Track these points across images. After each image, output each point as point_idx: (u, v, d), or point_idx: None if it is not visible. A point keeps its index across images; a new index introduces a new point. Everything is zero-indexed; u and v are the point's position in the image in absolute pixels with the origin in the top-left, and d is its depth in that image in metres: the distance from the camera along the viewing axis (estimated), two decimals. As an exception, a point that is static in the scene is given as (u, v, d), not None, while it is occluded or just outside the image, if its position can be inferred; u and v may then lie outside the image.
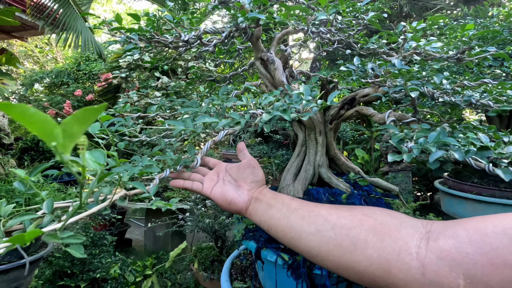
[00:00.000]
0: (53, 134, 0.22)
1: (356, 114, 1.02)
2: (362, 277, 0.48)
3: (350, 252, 0.48)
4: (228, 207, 0.63)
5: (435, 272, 0.41)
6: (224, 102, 0.64)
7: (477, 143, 0.57)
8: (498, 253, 0.38)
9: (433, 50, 0.71)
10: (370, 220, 0.50)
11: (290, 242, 0.56)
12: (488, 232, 0.40)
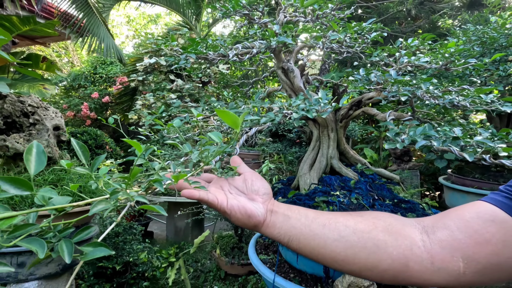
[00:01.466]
0: (237, 123, 0.45)
1: (363, 114, 1.22)
2: (385, 275, 0.52)
3: (374, 252, 0.51)
4: (247, 221, 0.57)
5: (441, 260, 0.49)
6: (263, 104, 0.85)
7: (451, 134, 0.76)
8: (479, 233, 0.48)
9: (422, 63, 0.90)
10: (381, 222, 0.55)
11: (313, 251, 0.55)
12: (467, 218, 0.51)
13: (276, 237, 0.57)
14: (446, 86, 0.92)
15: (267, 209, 0.59)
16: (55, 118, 1.54)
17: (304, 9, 1.07)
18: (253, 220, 0.56)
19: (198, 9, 7.61)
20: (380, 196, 1.15)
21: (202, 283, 2.33)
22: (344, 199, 1.08)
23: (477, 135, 0.80)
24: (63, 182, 1.47)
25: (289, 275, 1.14)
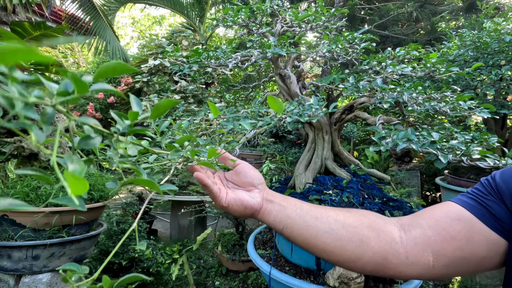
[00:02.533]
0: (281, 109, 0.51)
1: (355, 118, 1.30)
2: (366, 266, 0.58)
3: (359, 246, 0.57)
4: (243, 212, 0.61)
5: (415, 255, 0.55)
6: (261, 109, 0.93)
7: (429, 139, 0.84)
8: (447, 231, 0.55)
9: (405, 72, 0.97)
10: (366, 219, 0.61)
11: (306, 240, 0.60)
12: (437, 217, 0.57)
13: (271, 223, 0.62)
14: (429, 93, 1.00)
15: (263, 198, 0.63)
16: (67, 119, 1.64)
17: (299, 21, 1.15)
18: (249, 210, 0.61)
19: (201, 11, 7.71)
20: (370, 195, 1.23)
21: (204, 279, 2.42)
22: (336, 198, 1.15)
23: (454, 139, 0.87)
24: (74, 181, 1.57)
25: (284, 268, 1.22)
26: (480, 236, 0.54)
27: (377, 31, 5.63)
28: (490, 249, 0.54)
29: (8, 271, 1.43)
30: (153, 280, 2.48)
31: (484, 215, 0.55)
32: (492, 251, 0.54)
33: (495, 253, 0.54)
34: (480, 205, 0.56)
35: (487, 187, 0.58)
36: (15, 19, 3.20)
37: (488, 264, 0.55)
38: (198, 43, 6.76)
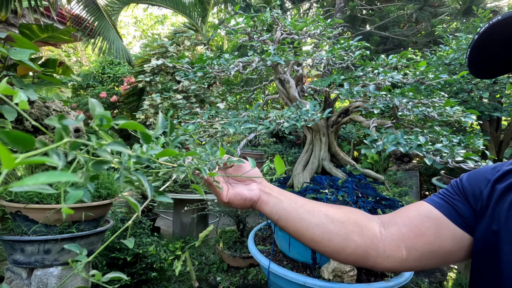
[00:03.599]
0: (282, 169, 0.58)
1: (350, 121, 1.36)
2: (349, 257, 0.64)
3: (344, 239, 0.63)
4: (244, 204, 0.67)
5: (391, 249, 0.62)
6: (260, 113, 1.00)
7: (416, 142, 0.91)
8: (418, 228, 0.62)
9: (396, 80, 1.04)
10: (353, 216, 0.67)
11: (297, 231, 0.66)
12: (411, 215, 0.65)
13: (268, 214, 0.68)
14: (419, 99, 1.07)
15: (261, 190, 0.69)
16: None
17: (297, 31, 1.22)
18: (248, 202, 0.67)
19: (204, 11, 7.77)
20: (364, 194, 1.30)
21: (206, 275, 2.50)
22: (331, 197, 1.23)
23: (440, 142, 0.94)
24: (83, 179, 1.65)
25: (282, 262, 1.29)
26: (447, 231, 0.61)
27: (378, 32, 5.68)
28: (456, 243, 0.61)
29: (21, 264, 1.51)
30: (157, 276, 2.56)
31: (451, 213, 0.62)
32: (458, 245, 0.61)
33: (461, 247, 0.61)
34: (448, 204, 0.63)
35: (455, 187, 0.65)
36: (23, 21, 3.27)
37: (455, 257, 0.62)
38: (200, 43, 6.82)
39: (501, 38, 0.48)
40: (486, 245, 0.57)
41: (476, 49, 0.52)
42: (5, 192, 1.51)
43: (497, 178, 0.61)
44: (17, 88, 1.60)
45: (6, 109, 1.41)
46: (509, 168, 0.62)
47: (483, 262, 0.58)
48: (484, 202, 0.60)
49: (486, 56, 0.53)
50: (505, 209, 0.56)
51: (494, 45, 0.50)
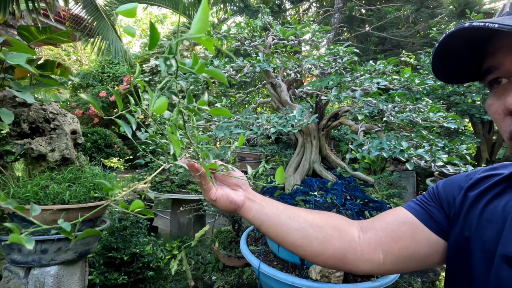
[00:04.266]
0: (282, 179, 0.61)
1: (340, 124, 1.39)
2: (328, 261, 0.66)
3: (323, 242, 0.65)
4: (229, 206, 0.70)
5: (368, 253, 0.64)
6: (249, 119, 1.03)
7: (399, 147, 0.94)
8: (394, 232, 0.64)
9: (381, 86, 1.07)
10: (332, 220, 0.70)
11: (279, 236, 0.69)
12: (388, 221, 0.67)
13: (251, 219, 0.70)
14: (405, 104, 1.10)
15: (246, 197, 0.71)
16: (72, 123, 1.75)
17: (286, 37, 1.25)
18: (233, 205, 0.69)
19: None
20: (353, 196, 1.33)
21: (202, 274, 2.54)
22: (320, 199, 1.26)
23: (422, 147, 0.97)
24: (80, 180, 1.68)
25: (273, 263, 1.33)
26: (422, 237, 0.63)
27: (376, 33, 5.70)
28: (431, 247, 0.63)
29: (19, 263, 1.54)
30: (154, 275, 2.60)
31: (426, 219, 0.65)
32: (433, 250, 0.63)
33: (435, 252, 0.63)
34: (423, 210, 0.66)
35: (431, 194, 0.68)
36: (22, 23, 3.29)
37: (430, 261, 0.64)
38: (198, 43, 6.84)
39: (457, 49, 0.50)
40: (458, 250, 0.59)
41: (437, 56, 0.53)
42: (3, 193, 1.54)
43: (469, 186, 0.64)
44: (15, 90, 1.63)
45: (4, 112, 1.44)
46: (480, 176, 0.65)
47: (456, 267, 0.60)
48: (457, 209, 0.63)
49: (446, 64, 0.54)
50: (476, 216, 0.59)
51: (452, 54, 0.52)
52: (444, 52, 0.50)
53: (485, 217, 0.58)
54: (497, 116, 0.48)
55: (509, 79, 0.45)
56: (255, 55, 1.43)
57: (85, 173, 1.71)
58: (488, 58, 0.49)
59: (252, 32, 1.26)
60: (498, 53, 0.47)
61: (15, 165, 2.22)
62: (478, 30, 0.43)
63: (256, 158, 4.78)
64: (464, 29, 0.43)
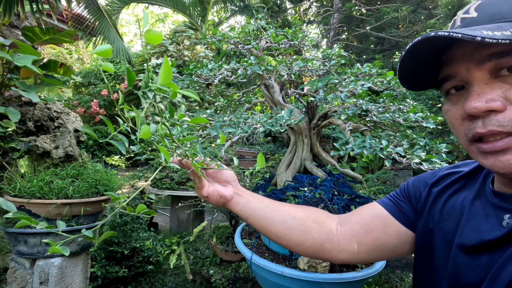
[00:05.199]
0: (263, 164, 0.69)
1: (329, 124, 1.47)
2: (308, 250, 0.72)
3: (303, 234, 0.72)
4: (219, 200, 0.75)
5: (344, 243, 0.71)
6: (240, 119, 1.10)
7: (379, 145, 1.01)
8: (368, 225, 0.71)
9: (365, 88, 1.14)
10: (313, 214, 0.76)
11: (263, 227, 0.75)
12: (363, 214, 0.74)
13: (239, 212, 0.77)
14: (388, 105, 1.17)
15: (235, 192, 0.77)
16: (75, 122, 1.83)
17: (277, 42, 1.32)
18: (223, 199, 0.75)
19: (203, 11, 7.85)
20: (340, 192, 1.40)
21: (200, 268, 2.62)
22: (309, 194, 1.33)
23: (400, 146, 1.04)
24: (82, 176, 1.76)
25: (264, 254, 1.40)
26: (392, 229, 0.71)
27: (374, 33, 5.75)
28: (400, 239, 0.70)
29: (25, 255, 1.63)
30: (153, 269, 2.68)
31: (396, 213, 0.72)
32: (402, 241, 0.70)
33: (404, 242, 0.70)
34: (394, 205, 0.73)
35: (402, 190, 0.75)
36: (26, 23, 3.37)
37: (400, 251, 0.72)
38: (199, 42, 6.92)
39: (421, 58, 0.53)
40: (423, 241, 0.66)
41: (403, 65, 0.55)
42: (10, 188, 1.63)
43: (433, 182, 0.71)
44: (21, 90, 1.70)
45: (11, 111, 1.51)
46: (444, 173, 0.72)
47: (422, 256, 0.67)
48: (422, 203, 0.70)
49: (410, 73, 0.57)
50: (439, 209, 0.66)
51: (416, 63, 0.54)
52: (409, 61, 0.53)
53: (446, 210, 0.64)
54: (455, 121, 0.52)
55: (465, 86, 0.49)
56: (250, 56, 1.50)
57: (87, 169, 1.79)
58: (444, 67, 0.53)
59: (246, 36, 1.33)
60: (453, 62, 0.50)
61: (20, 161, 2.30)
62: (442, 39, 0.46)
63: (255, 156, 4.84)
64: (429, 38, 0.45)
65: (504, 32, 0.40)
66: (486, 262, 0.50)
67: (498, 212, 0.52)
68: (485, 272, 0.49)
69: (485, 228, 0.53)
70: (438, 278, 0.61)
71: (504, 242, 0.48)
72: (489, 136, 0.46)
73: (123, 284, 2.46)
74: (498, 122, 0.44)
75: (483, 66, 0.46)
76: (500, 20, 0.45)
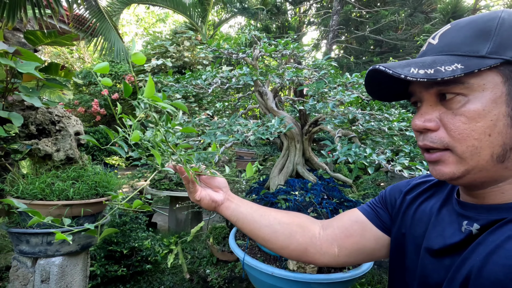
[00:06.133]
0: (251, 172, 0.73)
1: (320, 130, 1.52)
2: (292, 253, 0.77)
3: (288, 238, 0.76)
4: (210, 205, 0.80)
5: (326, 247, 0.75)
6: (232, 126, 1.15)
7: (363, 153, 1.07)
8: (348, 230, 0.75)
9: (352, 98, 1.19)
10: (297, 219, 0.81)
11: (251, 231, 0.79)
12: (344, 220, 0.79)
13: (228, 216, 0.81)
14: (374, 114, 1.22)
15: (225, 197, 0.82)
16: (76, 125, 1.89)
17: (270, 52, 1.38)
18: (214, 203, 0.80)
19: (204, 12, 7.90)
20: (330, 196, 1.46)
21: (197, 267, 2.68)
22: (299, 198, 1.39)
23: (383, 154, 1.10)
24: (82, 178, 1.82)
25: (257, 255, 1.46)
26: (370, 233, 0.76)
27: (372, 36, 5.80)
28: (377, 243, 0.76)
29: (27, 254, 1.69)
30: (151, 268, 2.75)
31: (374, 219, 0.78)
32: (379, 244, 0.76)
33: (381, 246, 0.76)
34: (372, 211, 0.79)
35: (380, 197, 0.81)
36: (28, 27, 3.43)
37: (378, 254, 0.77)
38: (199, 43, 6.97)
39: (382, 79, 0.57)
40: (397, 244, 0.72)
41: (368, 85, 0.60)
42: (13, 190, 1.69)
43: (407, 190, 0.77)
44: (24, 95, 1.76)
45: (14, 116, 1.57)
46: (417, 182, 0.78)
47: (395, 258, 0.72)
48: (397, 210, 0.76)
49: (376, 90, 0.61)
50: (411, 216, 0.71)
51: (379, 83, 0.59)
52: (372, 82, 0.59)
53: (417, 216, 0.70)
54: (414, 132, 0.58)
55: (421, 103, 0.56)
56: (244, 64, 1.56)
57: (87, 171, 1.85)
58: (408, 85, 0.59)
59: (239, 47, 1.39)
60: (412, 83, 0.57)
61: (22, 163, 2.36)
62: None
63: (253, 157, 4.90)
64: (373, 70, 0.52)
65: (440, 67, 0.47)
66: (448, 264, 0.55)
67: (460, 219, 0.58)
68: (446, 274, 0.55)
69: (448, 233, 0.58)
70: (410, 279, 0.66)
71: (462, 246, 0.54)
72: (427, 149, 0.54)
73: (122, 282, 2.52)
74: (431, 139, 0.52)
75: (430, 90, 0.52)
76: (446, 52, 0.51)
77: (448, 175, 0.52)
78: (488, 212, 0.52)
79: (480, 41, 0.48)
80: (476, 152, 0.49)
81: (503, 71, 0.47)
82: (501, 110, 0.47)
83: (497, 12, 0.51)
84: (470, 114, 0.48)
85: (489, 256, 0.46)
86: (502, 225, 0.48)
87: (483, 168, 0.50)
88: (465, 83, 0.48)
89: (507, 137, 0.48)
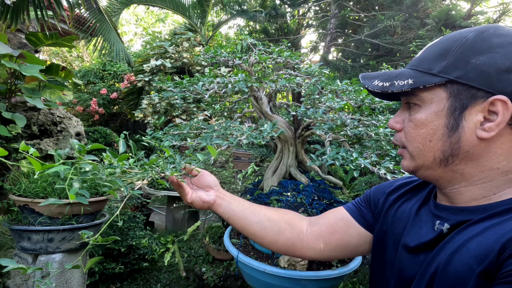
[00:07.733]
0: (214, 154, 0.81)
1: (311, 134, 1.59)
2: (280, 248, 0.82)
3: (277, 233, 0.82)
4: (202, 205, 0.84)
5: (312, 242, 0.81)
6: (227, 130, 1.22)
7: (350, 157, 1.13)
8: (333, 227, 0.81)
9: (341, 105, 1.26)
10: (286, 216, 0.86)
11: (243, 227, 0.84)
12: (330, 217, 0.84)
13: (221, 213, 0.85)
14: (362, 120, 1.29)
15: (217, 196, 0.86)
16: (77, 126, 1.95)
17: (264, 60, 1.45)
18: (206, 204, 0.84)
19: (203, 13, 7.95)
20: (320, 197, 1.53)
21: (193, 266, 2.74)
22: (291, 198, 1.46)
23: (366, 158, 1.17)
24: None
25: (250, 253, 1.53)
26: (353, 230, 0.82)
27: (368, 40, 5.88)
28: (360, 239, 0.82)
29: (28, 250, 1.75)
30: (148, 266, 2.80)
31: (357, 216, 0.84)
32: (362, 241, 0.82)
33: (364, 242, 0.82)
34: (357, 209, 0.85)
35: (365, 197, 0.87)
36: (31, 31, 3.48)
37: (361, 249, 0.83)
38: (198, 44, 7.03)
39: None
40: (378, 241, 0.78)
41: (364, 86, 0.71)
42: (15, 188, 1.74)
43: (390, 191, 0.83)
44: (26, 97, 1.82)
45: (17, 117, 1.63)
46: (399, 183, 0.84)
47: (377, 254, 0.78)
48: (379, 209, 0.82)
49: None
50: (392, 214, 0.78)
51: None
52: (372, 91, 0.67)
53: (398, 215, 0.77)
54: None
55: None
56: (240, 70, 1.62)
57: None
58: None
59: (235, 54, 1.45)
60: None
61: (22, 162, 2.42)
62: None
63: (250, 157, 4.97)
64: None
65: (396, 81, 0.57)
66: (421, 260, 0.62)
67: (434, 219, 0.64)
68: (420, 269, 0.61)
69: (423, 232, 0.65)
70: (389, 273, 0.72)
71: (434, 244, 0.60)
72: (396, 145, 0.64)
73: (119, 280, 2.58)
74: (396, 138, 0.64)
75: (402, 98, 0.62)
76: (414, 67, 0.60)
77: (405, 168, 0.63)
78: (458, 213, 0.59)
79: (439, 60, 0.56)
80: (421, 154, 0.58)
81: (450, 88, 0.54)
82: (441, 122, 0.55)
83: (466, 32, 0.57)
84: (416, 121, 0.58)
85: (454, 254, 0.52)
86: (468, 226, 0.55)
87: (430, 167, 0.59)
88: (417, 95, 0.57)
89: (445, 145, 0.56)
